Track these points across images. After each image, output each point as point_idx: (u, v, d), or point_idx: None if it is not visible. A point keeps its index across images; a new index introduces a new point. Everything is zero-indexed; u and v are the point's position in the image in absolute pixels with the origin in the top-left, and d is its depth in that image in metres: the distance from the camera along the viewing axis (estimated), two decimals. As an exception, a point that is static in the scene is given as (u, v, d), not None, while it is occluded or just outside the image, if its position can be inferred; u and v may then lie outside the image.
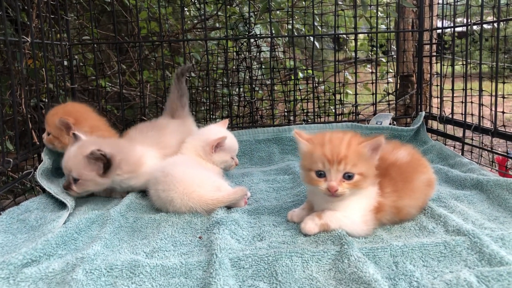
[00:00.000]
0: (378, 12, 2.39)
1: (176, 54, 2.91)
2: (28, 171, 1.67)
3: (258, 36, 2.58)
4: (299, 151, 1.22)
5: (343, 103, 2.55)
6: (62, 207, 1.45)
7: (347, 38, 3.61)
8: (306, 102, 2.56)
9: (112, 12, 2.26)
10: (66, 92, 2.26)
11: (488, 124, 1.98)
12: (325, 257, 1.06)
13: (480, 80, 1.93)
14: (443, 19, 2.32)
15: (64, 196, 1.48)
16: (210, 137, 1.66)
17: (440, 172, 1.70)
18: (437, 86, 2.31)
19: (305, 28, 2.86)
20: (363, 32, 3.20)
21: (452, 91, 2.15)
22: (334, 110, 2.47)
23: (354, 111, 2.41)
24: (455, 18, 2.16)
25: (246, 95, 2.62)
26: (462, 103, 2.08)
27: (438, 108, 2.30)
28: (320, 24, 2.83)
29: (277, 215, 1.37)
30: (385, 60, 3.30)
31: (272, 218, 1.35)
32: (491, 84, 1.86)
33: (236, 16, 2.75)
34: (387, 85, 2.83)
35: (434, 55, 2.44)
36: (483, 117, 1.97)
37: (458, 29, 2.23)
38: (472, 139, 2.08)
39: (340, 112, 2.50)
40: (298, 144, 1.21)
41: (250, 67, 2.54)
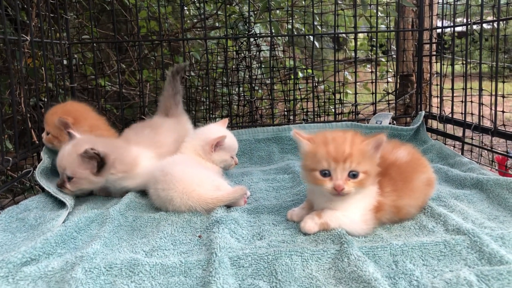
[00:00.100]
0: (378, 12, 2.39)
1: (176, 53, 2.91)
2: (27, 170, 1.67)
3: (258, 35, 2.57)
4: (300, 151, 1.21)
5: (342, 102, 2.54)
6: (62, 206, 1.45)
7: (347, 38, 3.61)
8: (306, 102, 2.55)
9: (112, 11, 2.25)
10: (66, 91, 2.26)
11: (488, 123, 1.98)
12: (325, 256, 1.06)
13: (480, 79, 1.93)
14: (443, 19, 2.32)
15: (64, 195, 1.48)
16: (209, 136, 1.66)
17: (440, 171, 1.70)
18: (437, 85, 2.31)
19: (305, 27, 2.86)
20: (363, 32, 3.20)
21: (452, 90, 2.15)
22: (334, 110, 2.47)
23: (354, 111, 2.41)
24: (455, 17, 2.16)
25: (245, 95, 2.61)
26: (462, 102, 2.08)
27: (438, 107, 2.30)
28: (319, 24, 2.83)
29: (276, 214, 1.37)
30: (384, 60, 3.30)
31: (272, 217, 1.35)
32: (491, 84, 1.86)
33: (235, 15, 2.75)
34: (386, 84, 2.83)
35: (434, 54, 2.44)
36: (483, 116, 1.97)
37: (458, 29, 2.23)
38: (472, 139, 2.08)
39: (339, 112, 2.49)
40: (299, 144, 1.20)
41: (250, 67, 2.53)
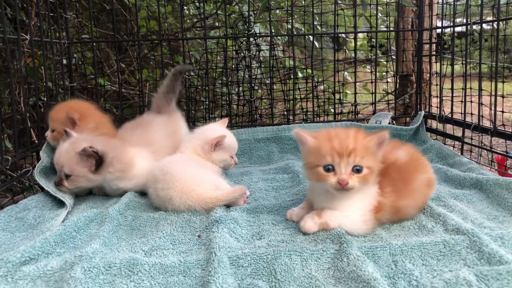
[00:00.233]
0: (378, 12, 2.39)
1: (176, 53, 2.91)
2: (27, 170, 1.67)
3: (258, 35, 2.57)
4: (302, 149, 1.20)
5: (342, 102, 2.54)
6: (61, 205, 1.45)
7: (347, 39, 3.61)
8: (306, 101, 2.55)
9: (112, 10, 2.25)
10: (65, 90, 2.26)
11: (487, 123, 1.98)
12: (324, 255, 1.06)
13: (480, 79, 1.93)
14: (443, 19, 2.32)
15: (63, 195, 1.48)
16: (209, 136, 1.66)
17: (440, 171, 1.70)
18: (436, 85, 2.31)
19: (304, 27, 2.86)
20: (362, 31, 3.20)
21: (452, 90, 2.15)
22: (333, 110, 2.47)
23: (354, 111, 2.41)
24: (455, 17, 2.16)
25: (245, 94, 2.61)
26: (462, 102, 2.08)
27: (437, 107, 2.30)
28: (319, 23, 2.83)
29: (276, 214, 1.37)
30: (384, 60, 3.30)
31: (271, 217, 1.34)
32: (491, 84, 1.86)
33: (235, 15, 2.75)
34: (386, 84, 2.83)
35: (434, 54, 2.44)
36: (482, 116, 1.97)
37: (457, 29, 2.23)
38: (471, 139, 2.08)
39: (339, 112, 2.49)
40: (302, 142, 1.19)
41: (250, 66, 2.53)
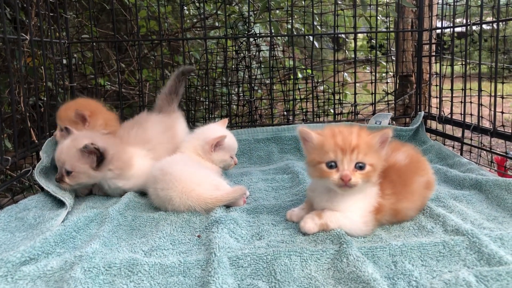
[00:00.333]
0: (377, 12, 2.39)
1: (176, 53, 2.91)
2: (27, 169, 1.67)
3: (258, 35, 2.57)
4: (305, 146, 1.20)
5: (342, 103, 2.54)
6: (61, 205, 1.45)
7: (346, 39, 3.61)
8: (305, 102, 2.55)
9: (112, 10, 2.25)
10: (65, 90, 2.26)
11: (487, 124, 1.98)
12: (324, 256, 1.06)
13: (479, 79, 1.93)
14: (443, 20, 2.33)
15: (63, 195, 1.48)
16: (209, 136, 1.66)
17: (439, 172, 1.70)
18: (436, 86, 2.31)
19: (304, 27, 2.86)
20: (362, 32, 3.20)
21: (452, 91, 2.15)
22: (333, 110, 2.47)
23: (353, 111, 2.41)
24: (455, 18, 2.16)
25: (245, 95, 2.61)
26: (462, 103, 2.08)
27: (437, 108, 2.30)
28: (319, 24, 2.83)
29: (276, 214, 1.37)
30: (384, 61, 3.30)
31: (271, 217, 1.34)
32: (490, 84, 1.87)
33: (235, 15, 2.75)
34: (386, 85, 2.83)
35: (434, 55, 2.44)
36: (482, 117, 1.97)
37: (457, 30, 2.23)
38: (471, 139, 2.08)
39: (339, 112, 2.49)
40: (306, 139, 1.18)
41: (250, 66, 2.53)
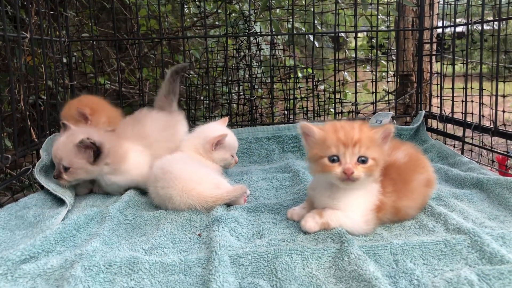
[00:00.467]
0: (378, 11, 2.39)
1: (176, 52, 2.90)
2: (27, 168, 1.66)
3: (258, 33, 2.57)
4: (307, 142, 1.20)
5: (342, 102, 2.54)
6: (61, 204, 1.44)
7: (347, 38, 3.60)
8: (306, 101, 2.55)
9: (112, 9, 2.25)
10: (65, 89, 2.25)
11: (488, 123, 1.97)
12: (325, 254, 1.06)
13: (481, 78, 1.93)
14: (444, 19, 2.32)
15: (63, 193, 1.47)
16: (210, 134, 1.66)
17: (440, 171, 1.70)
18: (437, 85, 2.31)
19: (305, 26, 2.86)
20: (363, 31, 3.20)
21: (453, 90, 2.15)
22: (333, 109, 2.46)
23: (354, 110, 2.41)
24: (456, 17, 2.16)
25: (245, 93, 2.61)
26: (463, 102, 2.08)
27: (438, 107, 2.30)
28: (319, 23, 2.82)
29: (276, 213, 1.37)
30: (384, 60, 3.30)
31: (272, 216, 1.34)
32: (491, 84, 1.86)
33: (236, 14, 2.74)
34: (387, 84, 2.83)
35: (434, 54, 2.44)
36: (483, 116, 1.97)
37: (457, 30, 2.23)
38: (472, 138, 2.08)
39: (339, 111, 2.49)
40: (307, 134, 1.18)
41: (250, 65, 2.53)
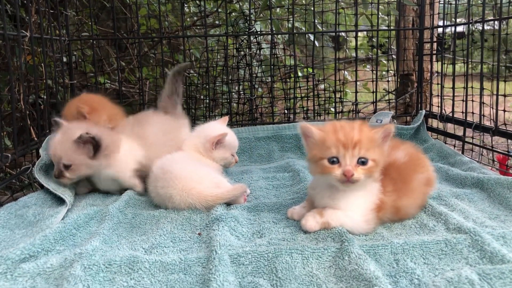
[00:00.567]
0: (379, 10, 2.39)
1: (176, 51, 2.90)
2: (26, 167, 1.66)
3: (259, 33, 2.57)
4: (307, 143, 1.19)
5: (342, 101, 2.54)
6: (61, 203, 1.44)
7: (347, 38, 3.60)
8: (306, 100, 2.55)
9: (112, 8, 2.25)
10: (65, 88, 2.25)
11: (488, 123, 1.97)
12: (325, 254, 1.06)
13: (481, 78, 1.92)
14: (444, 19, 2.32)
15: (63, 192, 1.47)
16: (210, 134, 1.65)
17: (441, 170, 1.70)
18: (437, 84, 2.31)
19: (305, 26, 2.85)
20: (363, 30, 3.19)
21: (453, 89, 2.14)
22: (334, 108, 2.46)
23: (354, 109, 2.41)
24: (456, 16, 2.15)
25: (245, 93, 2.61)
26: (463, 101, 2.08)
27: (438, 106, 2.30)
28: (320, 22, 2.82)
29: (276, 212, 1.37)
30: (384, 59, 3.29)
31: (272, 215, 1.34)
32: (491, 83, 1.86)
33: (236, 13, 2.74)
34: (387, 83, 2.83)
35: (435, 53, 2.44)
36: (483, 115, 1.97)
37: (458, 29, 2.23)
38: (472, 138, 2.07)
39: (340, 110, 2.49)
40: (307, 134, 1.18)
41: (250, 65, 2.53)
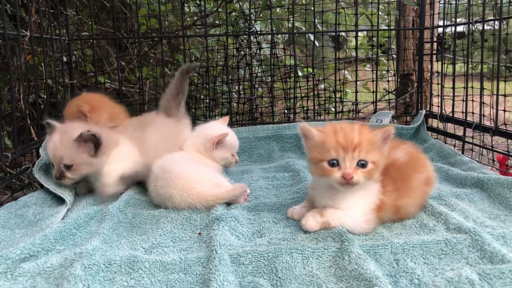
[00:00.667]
0: (379, 10, 2.39)
1: (176, 51, 2.90)
2: (26, 167, 1.66)
3: (259, 32, 2.57)
4: (307, 144, 1.20)
5: (343, 101, 2.54)
6: (61, 202, 1.44)
7: (347, 37, 3.60)
8: (306, 100, 2.55)
9: (112, 8, 2.25)
10: (65, 88, 2.25)
11: (488, 123, 1.97)
12: (325, 254, 1.05)
13: (481, 78, 1.92)
14: (444, 18, 2.32)
15: (63, 192, 1.47)
16: (211, 133, 1.65)
17: (441, 170, 1.70)
18: (437, 84, 2.31)
19: (305, 25, 2.85)
20: (363, 30, 3.19)
21: (453, 89, 2.14)
22: (334, 108, 2.46)
23: (354, 109, 2.41)
24: (456, 16, 2.15)
25: (246, 93, 2.61)
26: (463, 101, 2.08)
27: (438, 106, 2.30)
28: (320, 22, 2.82)
29: (276, 212, 1.36)
30: (385, 59, 3.29)
31: (272, 215, 1.34)
32: (491, 83, 1.86)
33: (236, 13, 2.74)
34: (387, 83, 2.83)
35: (435, 53, 2.44)
36: (483, 115, 1.97)
37: (458, 29, 2.23)
38: (472, 138, 2.07)
39: (340, 110, 2.49)
40: (307, 136, 1.18)
41: (250, 64, 2.53)
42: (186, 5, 2.82)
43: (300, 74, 2.85)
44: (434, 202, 1.35)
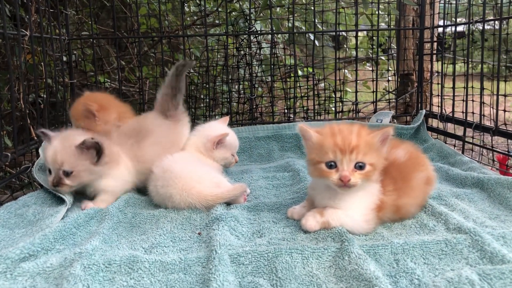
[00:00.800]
0: (379, 10, 2.39)
1: (176, 50, 2.90)
2: (26, 166, 1.66)
3: (259, 32, 2.56)
4: (306, 145, 1.20)
5: (343, 100, 2.54)
6: (60, 202, 1.44)
7: (347, 37, 3.60)
8: (306, 100, 2.54)
9: (112, 7, 2.24)
10: (65, 87, 2.25)
11: (488, 123, 1.97)
12: (325, 254, 1.05)
13: (482, 78, 1.92)
14: (445, 18, 2.32)
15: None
16: (211, 133, 1.65)
17: (441, 170, 1.69)
18: (437, 84, 2.31)
19: (305, 25, 2.85)
20: (363, 30, 3.19)
21: (453, 89, 2.14)
22: (334, 108, 2.46)
23: (354, 109, 2.41)
24: (456, 16, 2.15)
25: (245, 92, 2.60)
26: (463, 101, 2.07)
27: (438, 106, 2.29)
28: (320, 22, 2.82)
29: (276, 212, 1.36)
30: (385, 58, 3.29)
31: (272, 215, 1.34)
32: (492, 83, 1.86)
33: (236, 13, 2.74)
34: (387, 83, 2.83)
35: (435, 53, 2.44)
36: (484, 115, 1.97)
37: (458, 29, 2.23)
38: (472, 138, 2.07)
39: (340, 110, 2.49)
40: (305, 137, 1.18)
41: (250, 64, 2.53)
42: (186, 4, 2.82)
43: (300, 73, 2.85)
44: (434, 202, 1.35)
